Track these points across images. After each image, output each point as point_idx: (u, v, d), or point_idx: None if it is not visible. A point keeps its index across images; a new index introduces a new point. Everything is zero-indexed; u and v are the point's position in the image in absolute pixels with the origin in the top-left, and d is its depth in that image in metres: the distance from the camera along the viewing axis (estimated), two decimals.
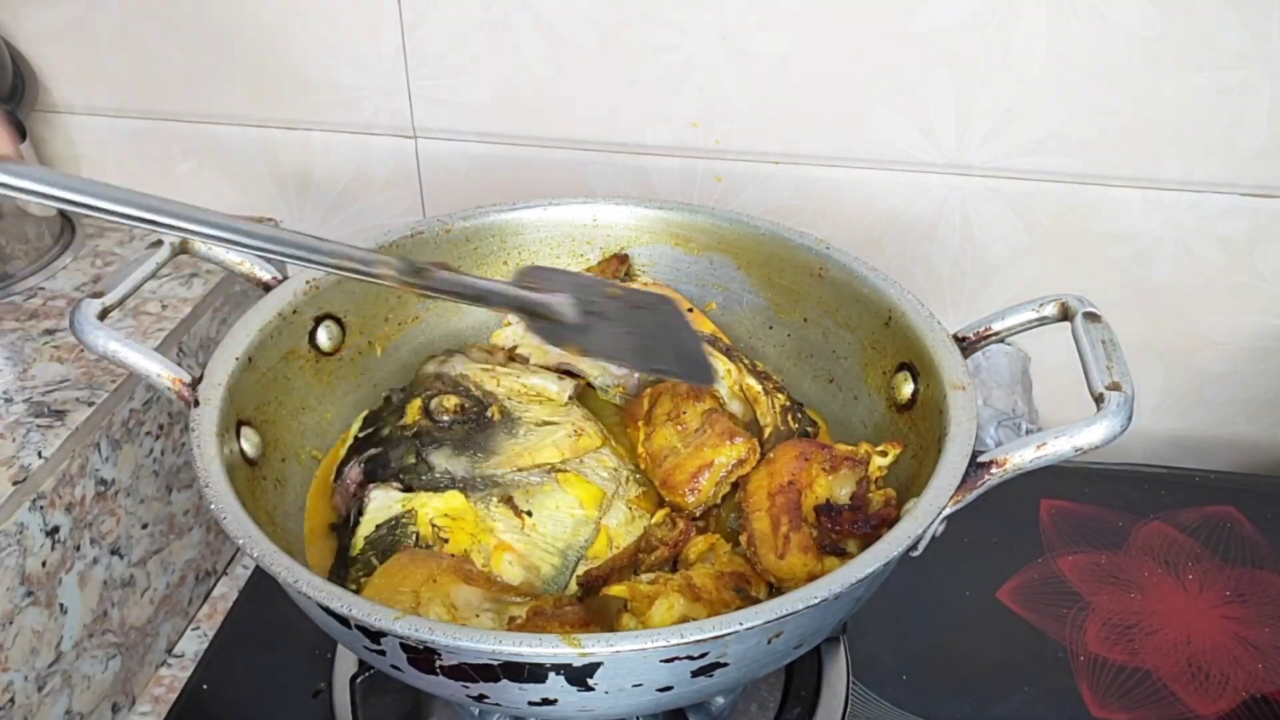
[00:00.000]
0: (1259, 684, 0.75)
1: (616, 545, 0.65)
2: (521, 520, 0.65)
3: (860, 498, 0.61)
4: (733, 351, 0.73)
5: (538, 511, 0.65)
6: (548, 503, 0.66)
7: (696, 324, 0.75)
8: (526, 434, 0.70)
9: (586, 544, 0.65)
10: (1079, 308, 0.61)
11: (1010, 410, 0.93)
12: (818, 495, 0.62)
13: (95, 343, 0.60)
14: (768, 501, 0.62)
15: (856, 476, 0.62)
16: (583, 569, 0.64)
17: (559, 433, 0.70)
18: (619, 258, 0.79)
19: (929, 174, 0.88)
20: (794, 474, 0.63)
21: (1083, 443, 0.53)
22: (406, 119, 0.92)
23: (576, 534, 0.65)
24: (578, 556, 0.65)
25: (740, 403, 0.72)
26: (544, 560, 0.64)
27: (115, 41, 0.91)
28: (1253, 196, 0.86)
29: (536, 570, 0.63)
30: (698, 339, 0.70)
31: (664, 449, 0.69)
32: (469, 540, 0.63)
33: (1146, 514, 0.89)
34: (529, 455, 0.69)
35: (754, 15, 0.83)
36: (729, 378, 0.72)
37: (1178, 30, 0.79)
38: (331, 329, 0.72)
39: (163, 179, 0.98)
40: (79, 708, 0.71)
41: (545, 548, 0.64)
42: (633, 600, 0.57)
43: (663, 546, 0.63)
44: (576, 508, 0.66)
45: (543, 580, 0.63)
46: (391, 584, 0.58)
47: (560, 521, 0.65)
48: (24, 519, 0.64)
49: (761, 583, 0.60)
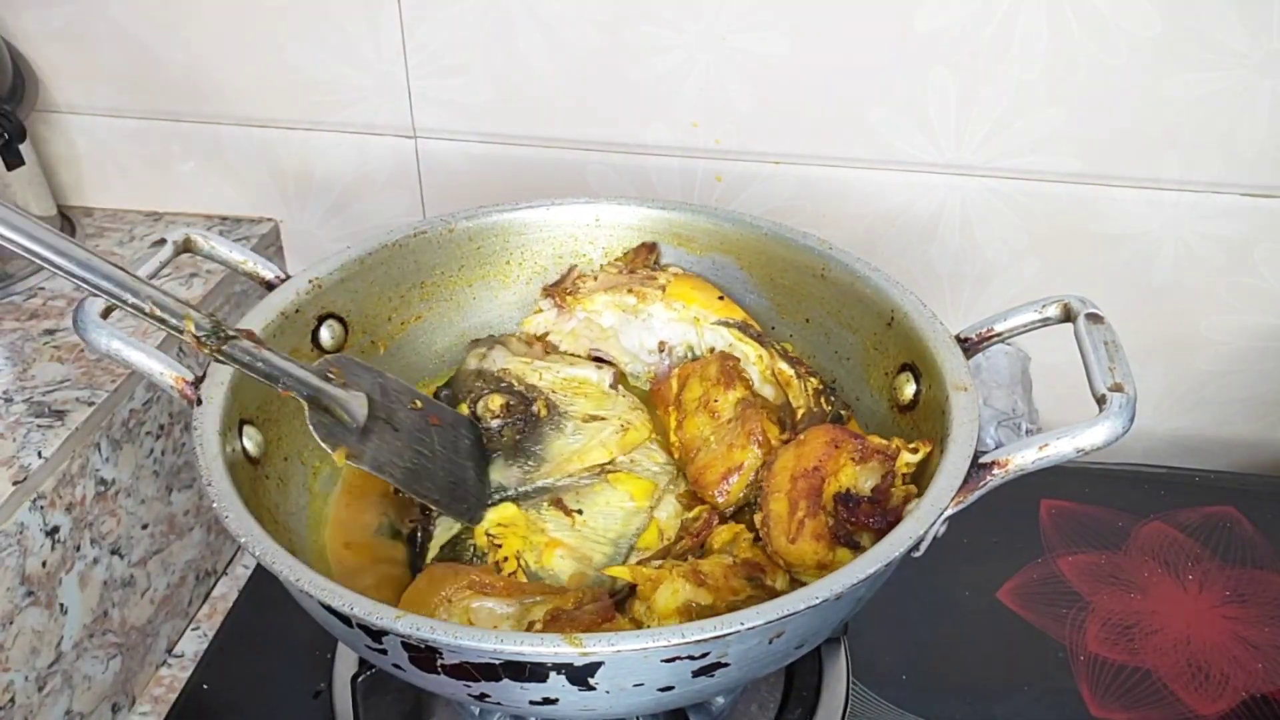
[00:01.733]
0: (1259, 684, 0.75)
1: (667, 537, 0.66)
2: (572, 519, 0.66)
3: (882, 491, 0.60)
4: (764, 338, 0.74)
5: (588, 509, 0.66)
6: (598, 500, 0.67)
7: (728, 310, 0.75)
8: (575, 432, 0.71)
9: (638, 532, 0.66)
10: (1081, 309, 0.61)
11: (1010, 410, 0.93)
12: (841, 483, 0.61)
13: (98, 341, 0.60)
14: (789, 484, 0.62)
15: (883, 470, 0.61)
16: (635, 559, 0.64)
17: (606, 430, 0.71)
18: (647, 246, 0.79)
19: (929, 174, 0.89)
20: (821, 459, 0.62)
21: (1085, 444, 0.53)
22: (406, 119, 0.92)
23: (628, 524, 0.66)
24: (630, 544, 0.65)
25: (773, 387, 0.72)
26: (596, 550, 0.64)
27: (115, 41, 0.91)
28: (1253, 196, 0.86)
29: (589, 560, 0.64)
30: (483, 474, 0.69)
31: (696, 439, 0.69)
32: (520, 542, 0.64)
33: (1146, 514, 0.89)
34: (578, 459, 0.69)
35: (754, 15, 0.83)
36: (760, 363, 0.73)
37: (1178, 30, 0.79)
38: (334, 328, 0.72)
39: (163, 179, 0.98)
40: (79, 708, 0.71)
41: (596, 539, 0.65)
42: (637, 584, 0.58)
43: (687, 536, 0.63)
44: (628, 500, 0.67)
45: (595, 568, 0.64)
46: (410, 608, 0.58)
47: (611, 515, 0.66)
48: (24, 519, 0.64)
49: (778, 572, 0.60)
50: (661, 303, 0.76)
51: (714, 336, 0.75)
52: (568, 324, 0.79)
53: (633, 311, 0.77)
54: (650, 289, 0.76)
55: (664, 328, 0.77)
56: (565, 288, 0.79)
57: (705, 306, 0.75)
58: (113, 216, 0.98)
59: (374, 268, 0.74)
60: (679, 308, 0.76)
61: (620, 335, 0.78)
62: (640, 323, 0.77)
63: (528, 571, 0.62)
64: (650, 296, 0.76)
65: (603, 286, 0.78)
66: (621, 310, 0.77)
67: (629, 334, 0.78)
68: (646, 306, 0.77)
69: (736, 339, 0.74)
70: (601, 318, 0.78)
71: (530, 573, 0.62)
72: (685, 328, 0.76)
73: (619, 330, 0.78)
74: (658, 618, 0.56)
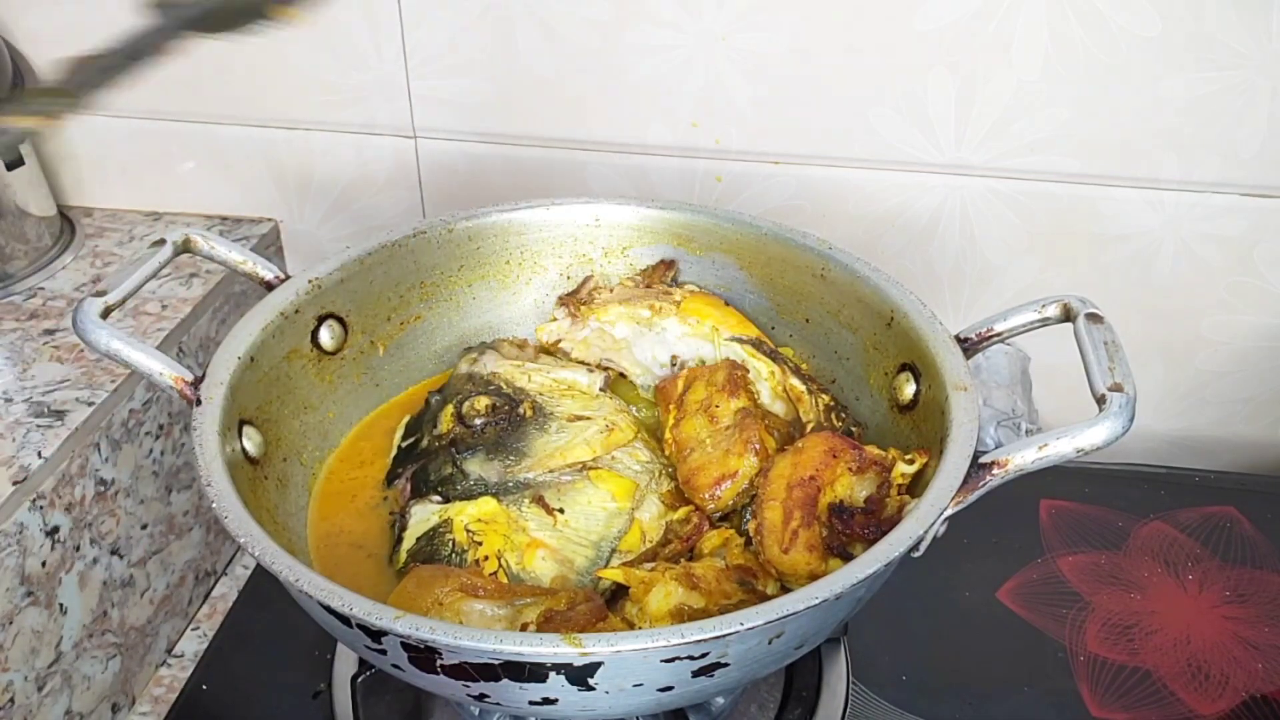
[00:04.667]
0: (1259, 684, 0.75)
1: (650, 539, 0.66)
2: (554, 518, 0.65)
3: (876, 502, 0.60)
4: (777, 354, 0.74)
5: (570, 508, 0.66)
6: (579, 499, 0.66)
7: (742, 327, 0.75)
8: (559, 431, 0.71)
9: (620, 535, 0.66)
10: (1081, 309, 0.61)
11: (1010, 410, 0.93)
12: (837, 494, 0.61)
13: (98, 342, 0.60)
14: (784, 492, 0.61)
15: (879, 481, 0.61)
16: (616, 561, 0.64)
17: (590, 429, 0.71)
18: (665, 263, 0.80)
19: (929, 174, 0.89)
20: (818, 469, 0.62)
21: (1085, 444, 0.53)
22: (406, 119, 0.92)
23: (609, 526, 0.66)
24: (611, 547, 0.65)
25: (784, 403, 0.72)
26: (577, 553, 0.64)
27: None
28: (1253, 196, 0.86)
29: (570, 563, 0.64)
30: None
31: (690, 440, 0.69)
32: (501, 541, 0.63)
33: (1146, 514, 0.89)
34: (560, 455, 0.69)
35: (754, 15, 0.83)
36: (772, 379, 0.72)
37: (1178, 30, 0.79)
38: (334, 328, 0.72)
39: (163, 179, 0.98)
40: (79, 708, 0.71)
41: (578, 541, 0.65)
42: (630, 586, 0.58)
43: (676, 540, 0.63)
44: (609, 501, 0.67)
45: (577, 572, 0.63)
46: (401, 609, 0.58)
47: (593, 515, 0.66)
48: (24, 519, 0.64)
49: (770, 578, 0.60)
50: (676, 317, 0.76)
51: (728, 352, 0.75)
52: (580, 333, 0.79)
53: (646, 324, 0.77)
54: (666, 303, 0.76)
55: (677, 342, 0.77)
56: (580, 297, 0.79)
57: (720, 322, 0.75)
58: (113, 216, 0.98)
59: (373, 268, 0.74)
60: (693, 323, 0.76)
61: (633, 347, 0.78)
62: (654, 336, 0.77)
63: (509, 572, 0.62)
64: (665, 310, 0.76)
65: (618, 298, 0.78)
66: (635, 323, 0.77)
67: (642, 346, 0.78)
68: (661, 320, 0.77)
69: (750, 355, 0.74)
70: (615, 329, 0.78)
71: (511, 574, 0.62)
72: (699, 342, 0.76)
73: (632, 342, 0.78)
74: (650, 619, 0.56)
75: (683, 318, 0.76)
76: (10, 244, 0.86)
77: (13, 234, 0.86)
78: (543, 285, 0.81)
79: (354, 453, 0.74)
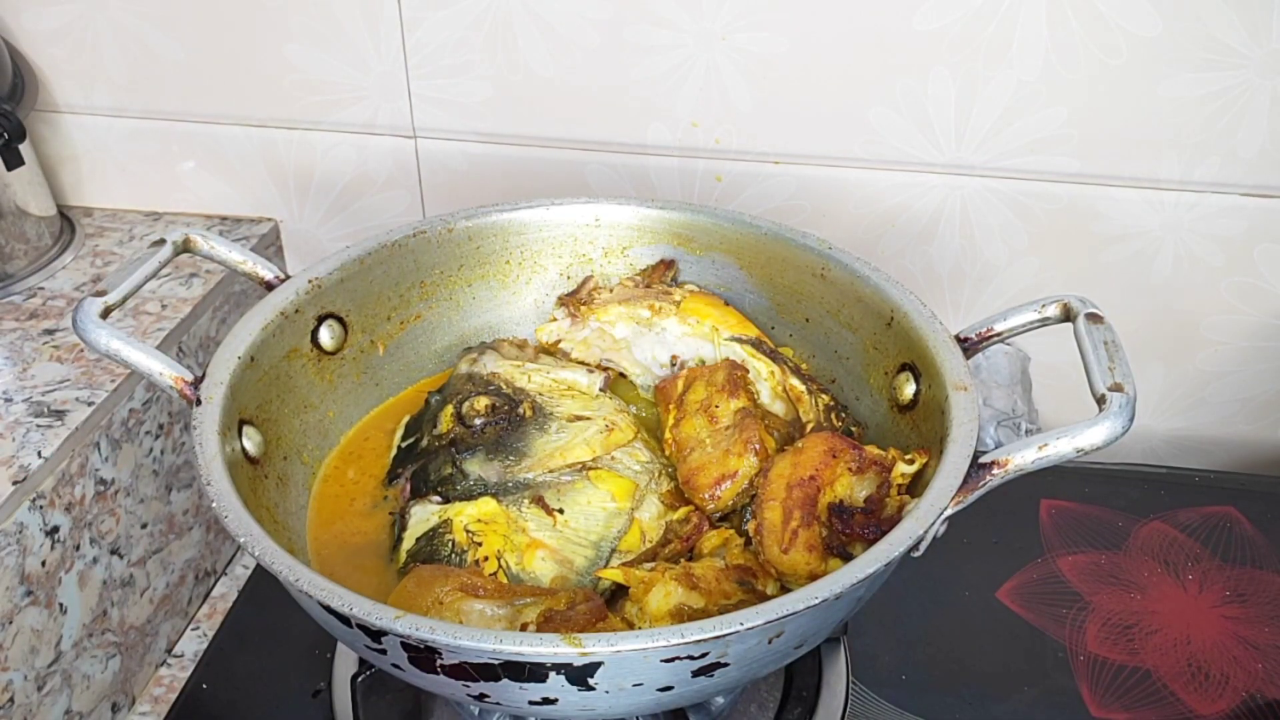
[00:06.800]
0: (1259, 684, 0.75)
1: (650, 539, 0.66)
2: (553, 518, 0.65)
3: (876, 502, 0.60)
4: (777, 354, 0.74)
5: (569, 508, 0.66)
6: (579, 499, 0.66)
7: (742, 327, 0.75)
8: (559, 431, 0.71)
9: (619, 535, 0.66)
10: (1081, 308, 0.61)
11: (1010, 410, 0.93)
12: (836, 494, 0.61)
13: (98, 341, 0.60)
14: (784, 492, 0.61)
15: (879, 481, 0.61)
16: (616, 561, 0.64)
17: (590, 429, 0.71)
18: (665, 263, 0.80)
19: (929, 174, 0.89)
20: (818, 469, 0.62)
21: (1085, 444, 0.53)
22: (406, 119, 0.92)
23: (609, 526, 0.66)
24: (611, 547, 0.65)
25: (784, 403, 0.72)
26: (577, 553, 0.64)
27: (115, 41, 0.91)
28: (1253, 196, 0.86)
29: (570, 563, 0.64)
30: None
31: (690, 440, 0.69)
32: (501, 541, 0.63)
33: (1146, 514, 0.89)
34: (560, 455, 0.69)
35: (754, 15, 0.83)
36: (772, 379, 0.72)
37: (1178, 30, 0.79)
38: (334, 328, 0.72)
39: (163, 179, 0.98)
40: (79, 707, 0.71)
41: (578, 541, 0.65)
42: (630, 586, 0.58)
43: (676, 540, 0.63)
44: (609, 501, 0.67)
45: (577, 572, 0.63)
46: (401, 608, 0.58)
47: (592, 515, 0.66)
48: (24, 519, 0.64)
49: (769, 578, 0.60)
50: (675, 317, 0.76)
51: (728, 352, 0.75)
52: (580, 333, 0.79)
53: (646, 324, 0.77)
54: (665, 303, 0.76)
55: (677, 342, 0.77)
56: (580, 298, 0.79)
57: (720, 322, 0.75)
58: (113, 216, 0.98)
59: (373, 267, 0.74)
60: (693, 322, 0.76)
61: (633, 347, 0.78)
62: (654, 335, 0.77)
63: (509, 573, 0.62)
64: (665, 310, 0.76)
65: (618, 298, 0.78)
66: (635, 323, 0.77)
67: (642, 346, 0.78)
68: (660, 320, 0.77)
69: (750, 355, 0.74)
70: (615, 329, 0.78)
71: (511, 574, 0.62)
72: (699, 342, 0.76)
73: (632, 342, 0.78)
74: (649, 619, 0.56)
75: (682, 318, 0.76)
76: (10, 244, 0.86)
77: (13, 234, 0.86)
78: (543, 285, 0.81)
79: (354, 452, 0.74)
